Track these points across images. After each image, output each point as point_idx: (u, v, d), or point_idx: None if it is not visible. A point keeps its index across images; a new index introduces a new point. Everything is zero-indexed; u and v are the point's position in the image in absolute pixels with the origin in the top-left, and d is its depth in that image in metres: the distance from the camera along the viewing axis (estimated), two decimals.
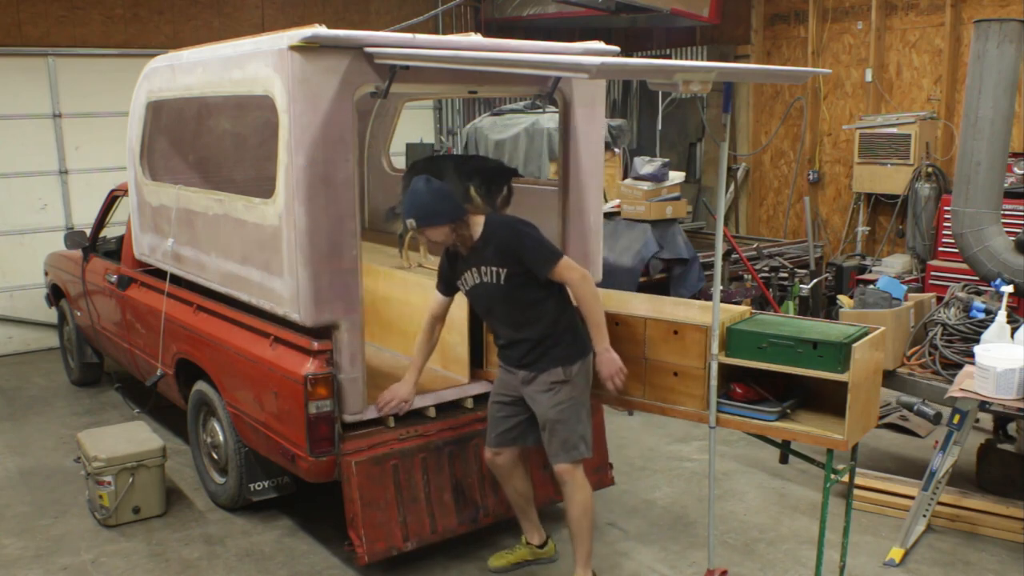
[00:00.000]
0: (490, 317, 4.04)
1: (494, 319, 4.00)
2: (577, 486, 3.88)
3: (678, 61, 8.56)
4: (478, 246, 3.85)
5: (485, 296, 3.92)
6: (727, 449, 5.80)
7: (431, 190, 3.77)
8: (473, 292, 3.96)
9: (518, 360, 3.92)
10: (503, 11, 10.66)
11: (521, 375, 3.92)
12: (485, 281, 3.87)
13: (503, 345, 3.99)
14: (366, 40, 3.83)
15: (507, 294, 3.85)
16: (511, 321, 3.91)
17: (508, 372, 4.00)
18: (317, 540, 4.70)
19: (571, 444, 3.85)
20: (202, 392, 5.03)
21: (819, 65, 9.47)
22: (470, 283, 3.93)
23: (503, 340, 3.98)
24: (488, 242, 3.84)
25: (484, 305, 3.99)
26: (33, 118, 8.33)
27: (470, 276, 3.92)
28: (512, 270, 3.81)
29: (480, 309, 4.06)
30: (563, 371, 3.84)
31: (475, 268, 3.88)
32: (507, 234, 3.84)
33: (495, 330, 4.04)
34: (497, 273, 3.83)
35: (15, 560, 4.58)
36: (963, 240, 5.87)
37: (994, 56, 5.54)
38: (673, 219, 7.38)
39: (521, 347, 3.89)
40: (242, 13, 9.30)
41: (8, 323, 8.51)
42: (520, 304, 3.86)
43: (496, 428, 4.07)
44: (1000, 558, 4.42)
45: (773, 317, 3.98)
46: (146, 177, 5.57)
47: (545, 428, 3.89)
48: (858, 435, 3.59)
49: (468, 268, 3.91)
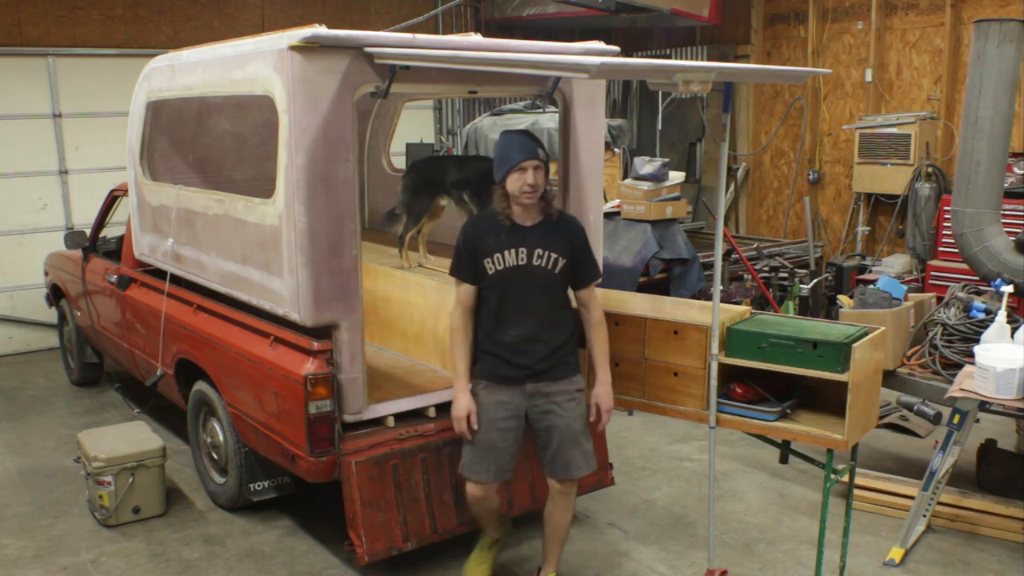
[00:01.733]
0: (517, 307, 3.66)
1: (522, 311, 3.65)
2: (575, 496, 3.88)
3: (678, 61, 8.55)
4: (541, 224, 3.67)
5: (523, 281, 3.64)
6: (727, 449, 5.80)
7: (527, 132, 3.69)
8: (508, 274, 3.64)
9: (530, 367, 3.67)
10: (503, 11, 10.66)
11: (530, 387, 3.69)
12: (535, 264, 3.63)
13: (517, 345, 3.66)
14: (366, 40, 3.83)
15: (553, 286, 3.68)
16: (542, 317, 3.67)
17: (506, 387, 3.70)
18: (317, 540, 4.70)
19: (590, 455, 3.80)
20: (202, 392, 5.03)
21: (819, 65, 9.47)
22: (508, 262, 3.63)
23: (521, 337, 3.65)
24: (557, 225, 3.69)
25: (517, 291, 3.64)
26: (33, 118, 8.34)
27: (511, 255, 3.63)
28: (567, 263, 3.67)
29: (509, 295, 3.65)
30: (580, 379, 3.80)
31: (523, 248, 3.62)
32: (577, 225, 3.77)
33: (515, 324, 3.66)
34: (555, 260, 3.65)
35: (15, 560, 4.58)
36: (963, 240, 5.87)
37: (994, 56, 5.55)
38: (673, 219, 7.39)
39: (539, 350, 3.67)
40: (242, 13, 9.31)
41: (8, 323, 8.51)
42: (557, 302, 3.71)
43: (498, 459, 3.73)
44: (1000, 558, 4.42)
45: (773, 317, 3.98)
46: (146, 177, 5.57)
47: (566, 440, 3.71)
48: (858, 435, 3.59)
49: (512, 246, 3.63)
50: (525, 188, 3.57)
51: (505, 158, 3.60)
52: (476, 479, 3.76)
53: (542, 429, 3.75)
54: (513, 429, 3.73)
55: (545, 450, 3.78)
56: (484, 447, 3.72)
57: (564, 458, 3.75)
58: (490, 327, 3.70)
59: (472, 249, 3.67)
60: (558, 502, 3.85)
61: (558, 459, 3.76)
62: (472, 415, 3.69)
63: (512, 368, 3.69)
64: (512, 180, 3.58)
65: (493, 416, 3.71)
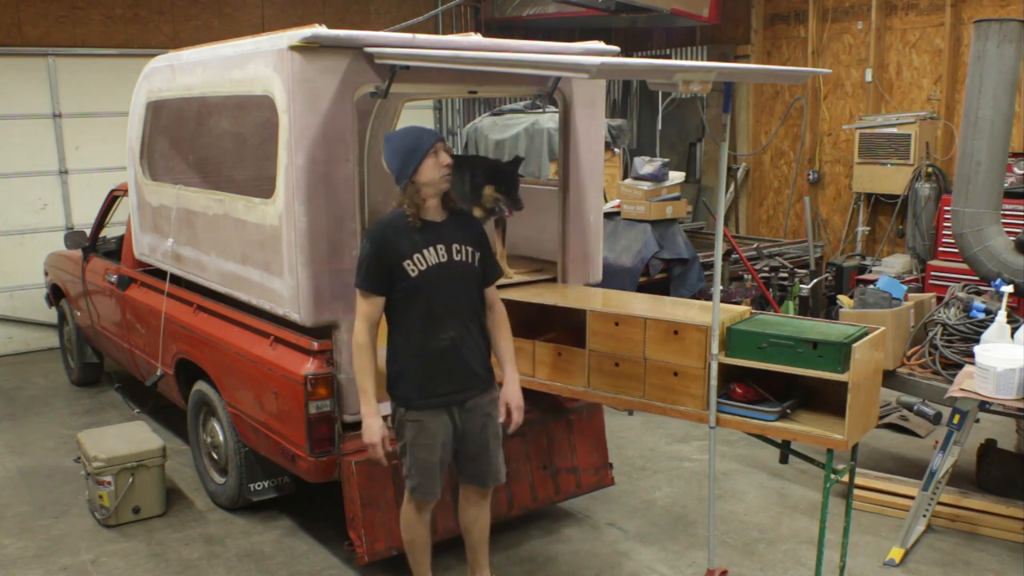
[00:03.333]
0: (447, 307, 3.49)
1: (453, 311, 3.51)
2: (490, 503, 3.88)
3: (678, 61, 8.56)
4: (450, 219, 3.55)
5: (449, 280, 3.49)
6: (727, 449, 5.80)
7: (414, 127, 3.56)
8: (432, 274, 3.45)
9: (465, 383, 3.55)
10: (503, 11, 10.67)
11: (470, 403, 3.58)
12: (456, 260, 3.50)
13: (451, 348, 3.49)
14: (366, 40, 3.83)
15: (476, 281, 3.57)
16: (472, 314, 3.57)
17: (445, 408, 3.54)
18: (317, 540, 4.70)
19: (504, 461, 3.81)
20: (202, 392, 5.03)
21: (819, 65, 9.47)
22: (431, 261, 3.45)
23: (456, 338, 3.50)
24: (462, 219, 3.61)
25: (445, 291, 3.48)
26: (33, 118, 8.33)
27: (431, 254, 3.45)
28: (480, 256, 3.58)
29: (435, 296, 3.47)
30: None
31: (441, 244, 3.47)
32: (477, 219, 3.74)
33: (448, 326, 3.49)
34: (472, 254, 3.55)
35: (15, 560, 4.58)
36: (963, 240, 5.87)
37: (994, 56, 5.55)
38: (673, 219, 7.39)
39: (475, 350, 3.57)
40: (242, 13, 9.30)
41: (8, 323, 8.51)
42: (480, 299, 3.62)
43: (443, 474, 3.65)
44: (1000, 558, 4.42)
45: (773, 317, 3.98)
46: (146, 177, 5.57)
47: (497, 447, 3.72)
48: (858, 435, 3.59)
49: (429, 244, 3.45)
50: (443, 170, 3.43)
51: (414, 149, 3.41)
52: (432, 498, 3.66)
53: (478, 440, 3.67)
54: (452, 443, 3.64)
55: (476, 460, 3.70)
56: (436, 466, 3.59)
57: (496, 466, 3.74)
58: (418, 336, 3.48)
59: (383, 256, 3.42)
60: (483, 508, 3.84)
61: (491, 467, 3.73)
62: (386, 440, 3.51)
63: (449, 387, 3.54)
64: (428, 167, 3.40)
65: (441, 438, 3.56)
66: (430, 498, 3.66)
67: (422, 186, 3.43)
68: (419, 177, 3.42)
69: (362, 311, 3.48)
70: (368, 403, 3.46)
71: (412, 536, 3.77)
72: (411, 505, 3.71)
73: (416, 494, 3.64)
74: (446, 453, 3.62)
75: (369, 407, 3.46)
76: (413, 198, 3.44)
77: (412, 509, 3.71)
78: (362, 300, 3.49)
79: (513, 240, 4.88)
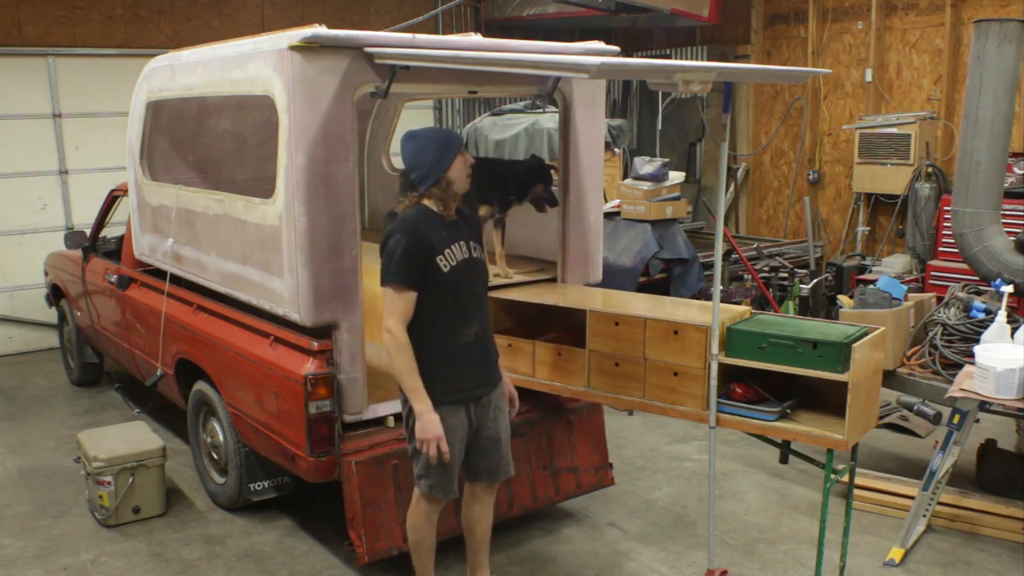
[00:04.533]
0: (472, 304, 3.53)
1: (477, 306, 3.56)
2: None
3: (678, 61, 8.55)
4: (461, 218, 3.58)
5: (472, 277, 3.52)
6: (727, 449, 5.80)
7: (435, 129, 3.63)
8: (460, 269, 3.46)
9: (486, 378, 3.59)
10: (503, 11, 10.67)
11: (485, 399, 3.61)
12: (475, 257, 3.54)
13: (476, 343, 3.52)
14: (366, 40, 3.83)
15: (485, 277, 3.64)
16: (486, 311, 3.63)
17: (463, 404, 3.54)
18: (317, 540, 4.70)
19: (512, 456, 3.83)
20: (202, 392, 5.03)
21: (819, 65, 9.47)
22: (459, 257, 3.46)
23: (478, 332, 3.54)
24: (466, 219, 3.64)
25: (469, 287, 3.51)
26: (33, 118, 8.34)
27: (459, 249, 3.47)
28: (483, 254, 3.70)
29: (463, 293, 3.49)
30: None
31: (463, 241, 3.51)
32: (476, 219, 3.79)
33: (471, 321, 3.52)
34: (482, 252, 3.64)
35: (15, 560, 4.58)
36: (963, 240, 5.87)
37: (994, 56, 5.55)
38: (673, 219, 7.39)
39: (491, 344, 3.64)
40: (242, 13, 9.31)
41: (8, 323, 8.51)
42: (486, 294, 3.69)
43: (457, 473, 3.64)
44: (1000, 558, 4.42)
45: (773, 317, 3.98)
46: (146, 177, 5.57)
47: (507, 442, 3.74)
48: (858, 435, 3.59)
49: (455, 240, 3.48)
50: (468, 169, 3.51)
51: (448, 145, 3.45)
52: (451, 497, 3.65)
53: (491, 435, 3.68)
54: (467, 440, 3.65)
55: (488, 453, 3.70)
56: (452, 465, 3.56)
57: (506, 460, 3.77)
58: (447, 333, 3.46)
59: (420, 250, 3.36)
60: (488, 505, 3.84)
61: (503, 460, 3.76)
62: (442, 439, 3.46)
63: (473, 381, 3.55)
64: (458, 165, 3.46)
65: (459, 435, 3.56)
66: (449, 496, 3.64)
67: (451, 182, 3.47)
68: (451, 173, 3.45)
69: (396, 309, 3.37)
70: (423, 400, 3.39)
71: (419, 537, 3.75)
72: (421, 506, 3.69)
73: (435, 492, 3.59)
74: (462, 451, 3.62)
75: (424, 404, 3.39)
76: (445, 192, 3.46)
77: (422, 511, 3.69)
78: (396, 297, 3.36)
79: (513, 240, 4.89)
